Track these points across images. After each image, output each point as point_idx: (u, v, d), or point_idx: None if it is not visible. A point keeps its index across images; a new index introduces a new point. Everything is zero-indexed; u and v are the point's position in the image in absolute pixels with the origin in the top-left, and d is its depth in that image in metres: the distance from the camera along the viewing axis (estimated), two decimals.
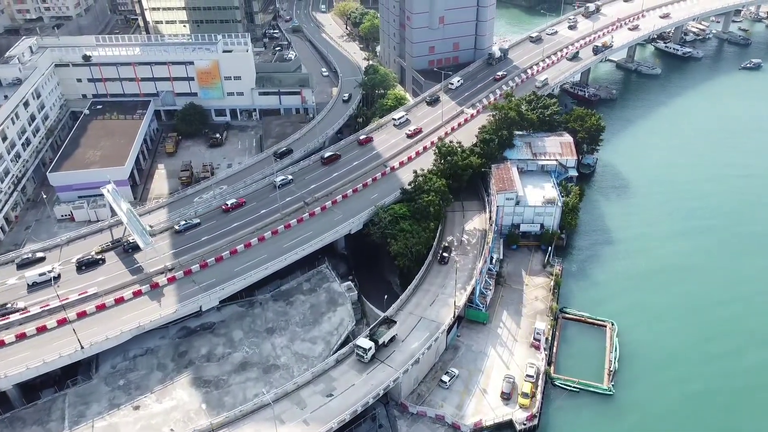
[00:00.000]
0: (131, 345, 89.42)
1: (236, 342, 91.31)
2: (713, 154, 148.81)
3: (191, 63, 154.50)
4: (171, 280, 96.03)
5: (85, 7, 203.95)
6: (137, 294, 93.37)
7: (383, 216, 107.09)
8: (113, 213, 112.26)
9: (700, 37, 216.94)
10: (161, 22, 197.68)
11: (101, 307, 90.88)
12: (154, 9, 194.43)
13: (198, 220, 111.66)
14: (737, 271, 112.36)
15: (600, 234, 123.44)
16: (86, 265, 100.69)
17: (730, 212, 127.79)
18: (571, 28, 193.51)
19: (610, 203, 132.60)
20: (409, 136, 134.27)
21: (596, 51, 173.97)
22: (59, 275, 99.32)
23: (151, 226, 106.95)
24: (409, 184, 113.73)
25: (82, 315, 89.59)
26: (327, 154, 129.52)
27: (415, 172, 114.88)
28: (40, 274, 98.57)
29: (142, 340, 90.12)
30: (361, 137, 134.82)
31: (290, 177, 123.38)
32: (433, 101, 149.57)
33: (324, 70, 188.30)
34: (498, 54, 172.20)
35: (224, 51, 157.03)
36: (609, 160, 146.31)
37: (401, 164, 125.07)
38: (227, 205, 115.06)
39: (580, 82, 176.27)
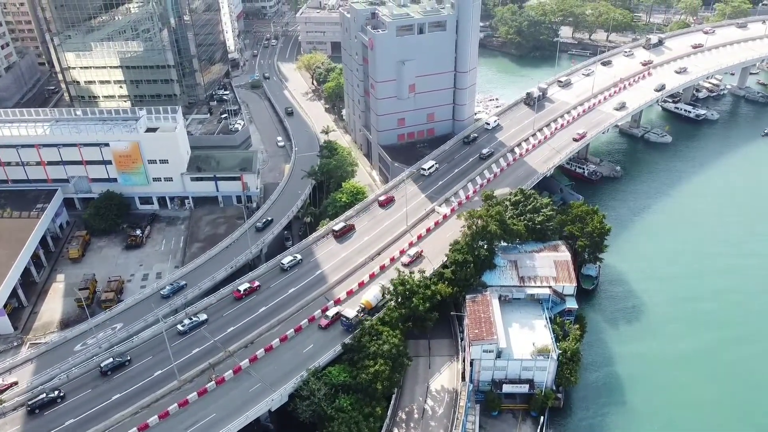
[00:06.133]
0: None
1: None
2: (742, 250, 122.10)
3: (106, 145, 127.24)
4: None
5: (6, 66, 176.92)
6: None
7: (315, 387, 78.77)
8: None
9: (714, 94, 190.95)
10: (94, 83, 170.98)
11: None
12: (84, 68, 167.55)
13: (205, 316, 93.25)
14: None
15: (607, 383, 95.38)
16: None
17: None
18: (605, 64, 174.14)
19: (618, 333, 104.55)
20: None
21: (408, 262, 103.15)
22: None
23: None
24: (352, 338, 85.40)
25: None
26: (338, 227, 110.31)
27: (361, 321, 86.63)
28: None
29: None
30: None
31: (299, 257, 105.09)
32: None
33: (280, 139, 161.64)
34: (537, 93, 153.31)
35: (148, 130, 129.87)
36: (615, 265, 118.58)
37: (349, 294, 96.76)
38: (239, 291, 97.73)
39: (578, 157, 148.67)
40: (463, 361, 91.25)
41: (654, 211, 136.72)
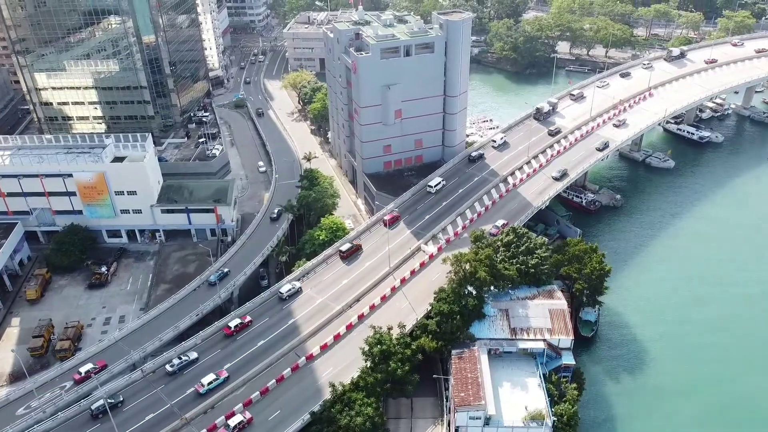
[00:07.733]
0: None
1: None
2: (750, 282, 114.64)
3: (70, 175, 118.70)
4: None
5: None
6: None
7: None
8: None
9: (718, 114, 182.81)
10: (67, 104, 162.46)
11: None
12: (56, 89, 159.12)
13: (196, 354, 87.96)
14: None
15: None
16: None
17: None
18: (624, 76, 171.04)
19: (620, 387, 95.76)
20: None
21: None
22: None
23: None
24: (321, 405, 76.39)
25: None
26: (345, 247, 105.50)
27: (332, 385, 77.63)
28: None
29: None
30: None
31: (298, 285, 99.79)
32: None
33: (261, 164, 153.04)
34: (547, 108, 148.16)
35: (115, 159, 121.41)
36: (615, 306, 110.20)
37: (323, 348, 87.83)
38: (230, 328, 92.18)
39: (576, 185, 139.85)
40: (448, 425, 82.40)
41: (656, 243, 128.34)
